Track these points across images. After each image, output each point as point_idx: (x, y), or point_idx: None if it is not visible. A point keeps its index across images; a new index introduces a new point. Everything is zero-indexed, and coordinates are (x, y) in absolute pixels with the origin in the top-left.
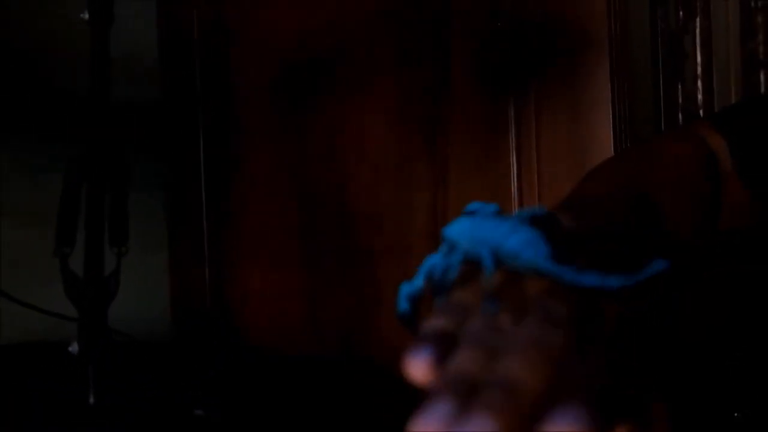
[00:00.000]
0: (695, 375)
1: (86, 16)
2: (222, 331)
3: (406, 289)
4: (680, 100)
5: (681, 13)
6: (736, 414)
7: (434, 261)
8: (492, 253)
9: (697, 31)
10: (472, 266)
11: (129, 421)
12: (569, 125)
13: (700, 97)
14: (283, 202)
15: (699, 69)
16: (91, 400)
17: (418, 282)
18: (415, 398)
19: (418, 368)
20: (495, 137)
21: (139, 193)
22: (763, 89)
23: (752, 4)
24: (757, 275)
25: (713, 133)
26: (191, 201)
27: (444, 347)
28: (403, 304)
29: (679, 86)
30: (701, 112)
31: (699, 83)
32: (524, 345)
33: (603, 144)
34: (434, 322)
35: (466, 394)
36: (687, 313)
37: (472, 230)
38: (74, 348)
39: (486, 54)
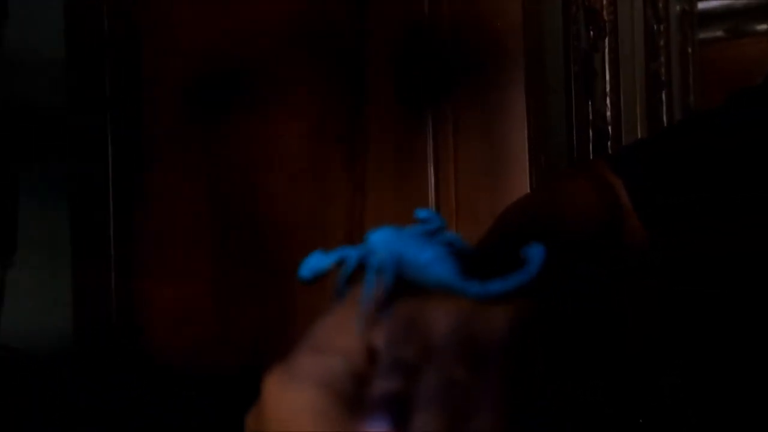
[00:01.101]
0: (632, 388)
1: None
2: (127, 346)
3: (315, 261)
4: (590, 117)
5: (591, 32)
6: (641, 420)
7: (349, 253)
8: (396, 263)
9: (606, 50)
10: (409, 309)
11: None
12: (486, 138)
13: (608, 114)
14: (193, 213)
15: (607, 87)
16: None
17: (328, 261)
18: None
19: None
20: (412, 149)
21: (41, 199)
22: (665, 108)
23: (655, 27)
24: (683, 296)
25: (610, 173)
26: (97, 208)
27: (400, 413)
28: (306, 273)
29: (590, 103)
30: (609, 128)
31: (607, 101)
32: (489, 402)
33: (519, 157)
34: (383, 385)
35: None
36: (625, 325)
37: (392, 242)
38: None
39: (404, 67)
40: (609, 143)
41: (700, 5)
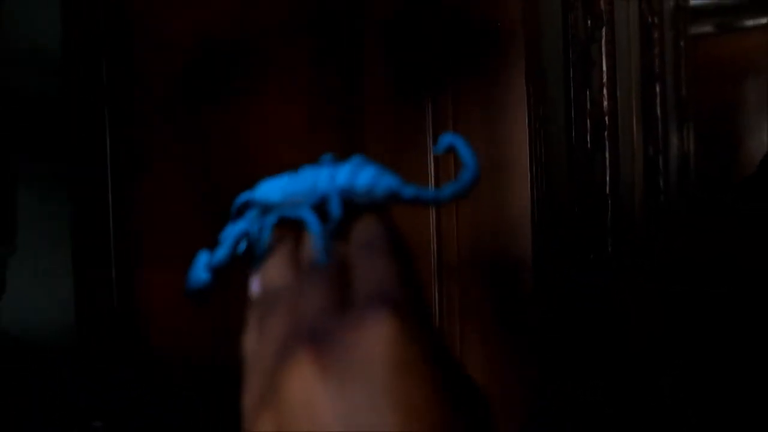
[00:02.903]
0: (632, 388)
1: None
2: (128, 336)
3: (205, 259)
4: (588, 107)
5: (589, 21)
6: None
7: (242, 227)
8: (340, 197)
9: (603, 41)
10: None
11: None
12: (487, 126)
13: (605, 104)
14: (191, 201)
15: (605, 77)
16: None
17: (223, 251)
18: None
19: None
20: (412, 136)
21: (41, 188)
22: (659, 101)
23: (649, 19)
24: (684, 296)
25: None
26: (96, 197)
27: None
28: (201, 274)
29: (587, 93)
30: (606, 119)
31: (605, 91)
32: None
33: (520, 144)
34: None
35: None
36: (627, 326)
37: (289, 186)
38: None
39: (402, 52)
40: (606, 134)
41: (692, 1)
